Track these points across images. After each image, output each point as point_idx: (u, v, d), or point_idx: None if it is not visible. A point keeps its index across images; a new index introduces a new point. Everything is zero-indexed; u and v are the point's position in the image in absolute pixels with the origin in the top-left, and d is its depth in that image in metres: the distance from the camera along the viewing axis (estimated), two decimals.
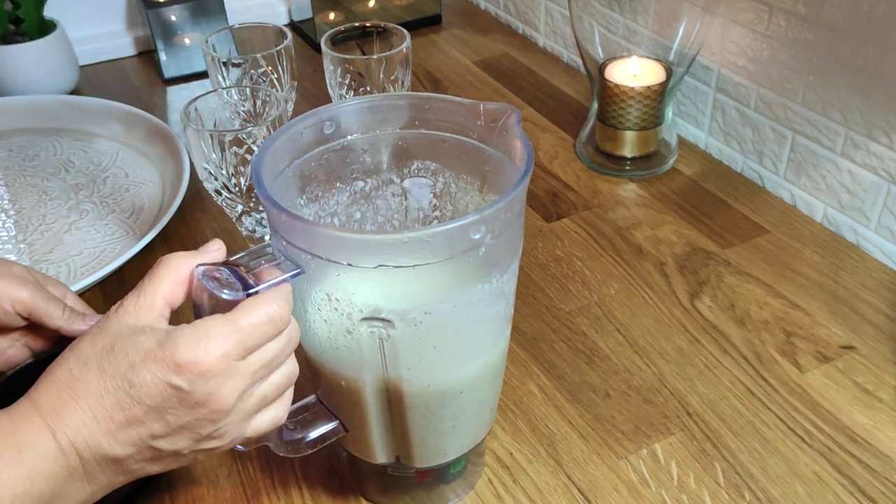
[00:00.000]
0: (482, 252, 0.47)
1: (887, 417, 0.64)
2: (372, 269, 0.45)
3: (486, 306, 0.50)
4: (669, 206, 0.88)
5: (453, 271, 0.48)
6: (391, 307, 0.47)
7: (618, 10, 1.00)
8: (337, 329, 0.49)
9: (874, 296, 0.75)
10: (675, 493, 0.59)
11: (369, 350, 0.49)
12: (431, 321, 0.48)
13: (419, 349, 0.49)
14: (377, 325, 0.48)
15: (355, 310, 0.47)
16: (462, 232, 0.45)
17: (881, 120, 0.76)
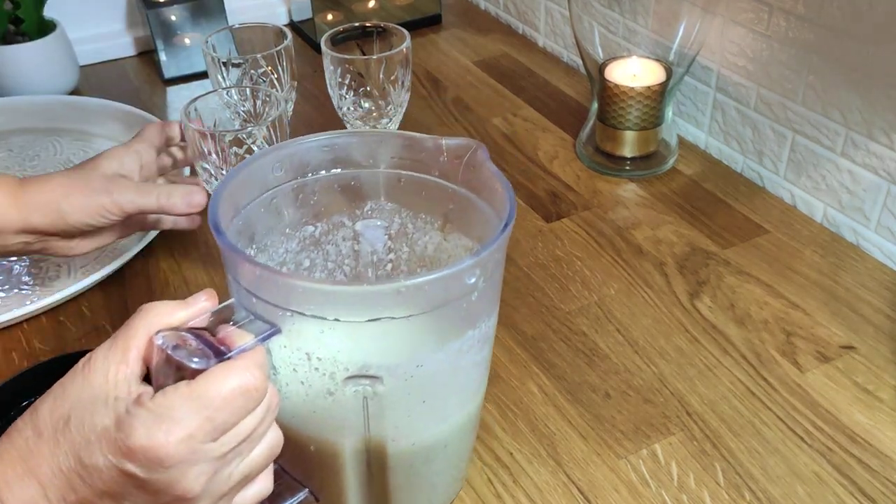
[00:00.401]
0: (475, 297, 0.45)
1: (887, 417, 0.64)
2: (362, 324, 0.42)
3: (475, 353, 0.48)
4: (669, 206, 0.88)
5: (446, 319, 0.46)
6: (381, 362, 0.44)
7: (618, 10, 1.00)
8: (316, 391, 0.45)
9: (874, 296, 0.75)
10: (675, 493, 0.59)
11: (352, 411, 0.46)
12: (422, 374, 0.45)
13: (408, 405, 0.46)
14: (363, 383, 0.45)
15: (340, 368, 0.44)
16: (458, 277, 0.43)
17: (881, 120, 0.76)
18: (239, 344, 0.40)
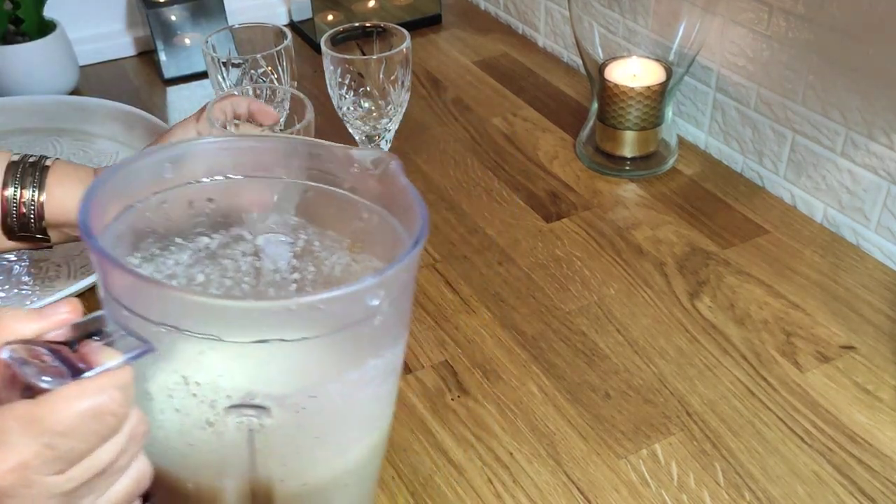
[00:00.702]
0: (377, 322, 0.40)
1: (887, 417, 0.64)
2: (248, 345, 0.37)
3: (377, 385, 0.43)
4: (669, 206, 0.88)
5: (344, 345, 0.41)
6: (268, 391, 0.39)
7: (618, 10, 1.00)
8: (193, 421, 0.40)
9: (874, 296, 0.75)
10: (675, 493, 0.59)
11: (234, 446, 0.41)
12: (316, 406, 0.41)
13: (299, 441, 0.42)
14: (248, 413, 0.40)
15: (221, 396, 0.39)
16: (359, 297, 0.38)
17: (881, 120, 0.76)
18: (102, 362, 0.35)
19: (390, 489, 0.61)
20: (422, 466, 0.62)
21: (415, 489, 0.61)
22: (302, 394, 0.40)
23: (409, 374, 0.70)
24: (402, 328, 0.44)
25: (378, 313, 0.40)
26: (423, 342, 0.72)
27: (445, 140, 1.00)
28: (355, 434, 0.45)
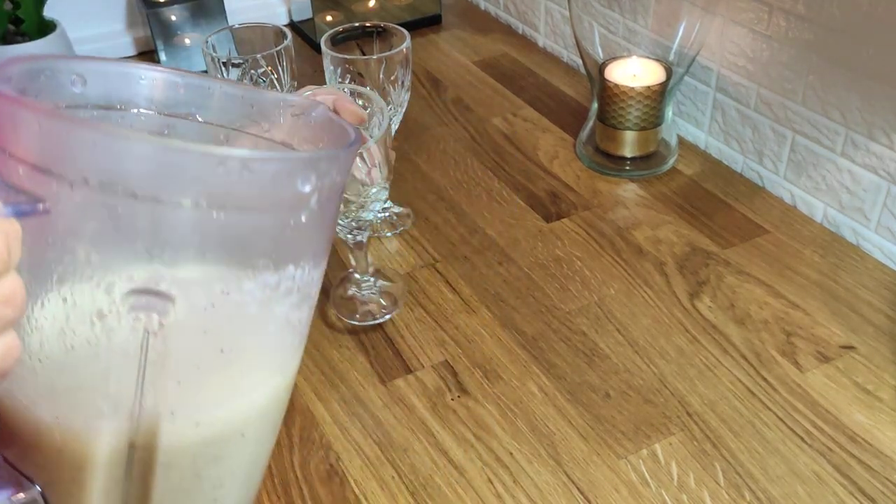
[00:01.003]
0: (304, 219, 0.37)
1: (887, 417, 0.64)
2: (165, 207, 0.33)
3: (291, 304, 0.40)
4: (669, 206, 0.88)
5: (265, 236, 0.37)
6: (178, 274, 0.34)
7: (618, 10, 1.00)
8: (81, 313, 0.35)
9: (874, 296, 0.75)
10: (675, 493, 0.59)
11: (123, 355, 0.36)
12: (226, 307, 0.36)
13: (201, 354, 0.37)
14: (150, 303, 0.35)
15: (122, 276, 0.34)
16: (291, 173, 0.35)
17: (881, 120, 0.76)
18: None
19: (390, 489, 0.61)
20: (422, 466, 0.62)
21: (415, 489, 0.61)
22: (213, 284, 0.36)
23: (409, 374, 0.70)
24: (324, 246, 0.41)
25: (306, 207, 0.36)
26: (423, 342, 0.72)
27: (445, 140, 1.00)
28: (262, 364, 0.41)
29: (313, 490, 0.61)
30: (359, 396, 0.68)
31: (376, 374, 0.70)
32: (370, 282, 0.71)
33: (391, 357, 0.71)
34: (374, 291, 0.71)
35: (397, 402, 0.67)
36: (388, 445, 0.64)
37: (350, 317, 0.68)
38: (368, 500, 0.60)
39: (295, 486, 0.61)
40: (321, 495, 0.61)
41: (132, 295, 0.34)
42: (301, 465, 0.63)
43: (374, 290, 0.71)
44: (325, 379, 0.70)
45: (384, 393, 0.68)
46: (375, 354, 0.72)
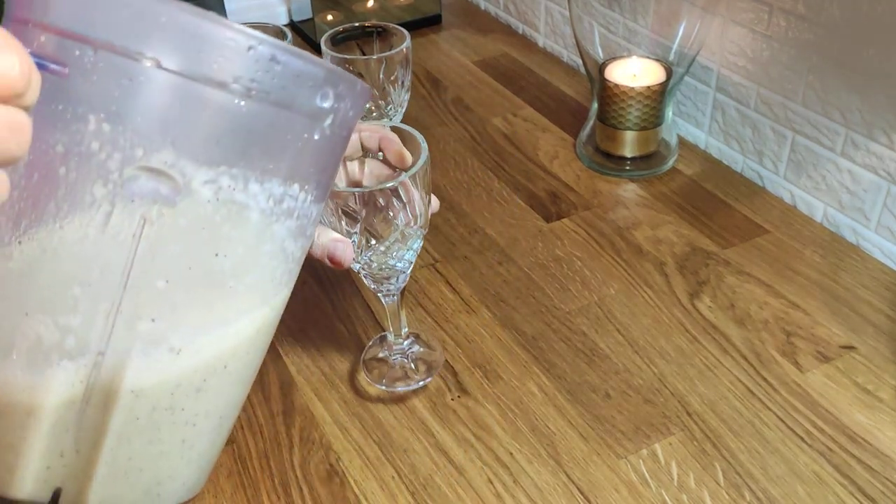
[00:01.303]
0: (317, 137, 0.37)
1: (887, 417, 0.64)
2: (187, 83, 0.33)
3: (289, 229, 0.40)
4: (669, 206, 0.88)
5: (277, 141, 0.37)
6: (189, 157, 0.34)
7: (618, 10, 1.00)
8: (81, 184, 0.34)
9: (874, 296, 0.75)
10: (675, 493, 0.59)
11: (114, 241, 0.34)
12: (230, 205, 0.36)
13: (194, 251, 0.36)
14: (154, 186, 0.34)
15: (134, 146, 0.33)
16: (313, 78, 0.36)
17: (881, 120, 0.76)
18: None
19: (390, 489, 0.61)
20: (422, 466, 0.62)
21: (415, 489, 0.61)
22: (222, 177, 0.35)
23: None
24: (327, 181, 0.41)
25: (320, 127, 0.37)
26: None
27: (445, 140, 1.00)
28: (250, 287, 0.39)
29: (313, 490, 0.61)
30: (359, 396, 0.68)
31: None
32: (403, 346, 0.68)
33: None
34: (406, 357, 0.68)
35: (397, 402, 0.67)
36: (388, 445, 0.64)
37: (377, 380, 0.66)
38: (368, 500, 0.60)
39: (295, 486, 0.61)
40: (321, 495, 0.61)
41: (139, 173, 0.33)
42: (301, 465, 0.63)
43: (407, 355, 0.68)
44: (325, 379, 0.70)
45: (384, 393, 0.68)
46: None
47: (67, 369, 0.36)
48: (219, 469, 0.62)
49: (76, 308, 0.35)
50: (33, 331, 0.35)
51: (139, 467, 0.39)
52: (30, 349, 0.36)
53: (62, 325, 0.35)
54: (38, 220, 0.34)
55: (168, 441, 0.39)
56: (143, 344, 0.36)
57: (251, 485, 0.61)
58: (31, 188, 0.34)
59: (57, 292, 0.35)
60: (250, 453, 0.64)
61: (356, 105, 0.40)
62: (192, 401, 0.39)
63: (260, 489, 0.61)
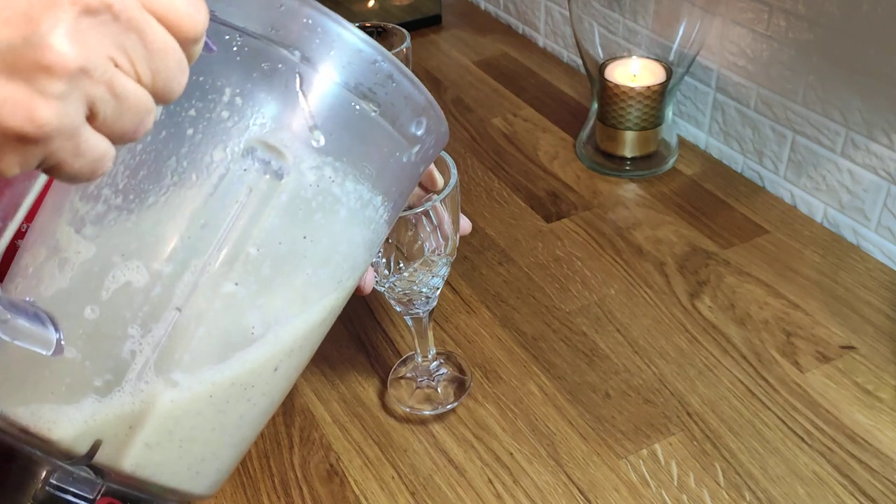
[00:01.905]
0: (404, 160, 0.42)
1: (887, 417, 0.64)
2: (326, 85, 0.37)
3: (365, 237, 0.43)
4: (669, 206, 0.88)
5: (380, 150, 0.41)
6: (305, 141, 0.38)
7: (618, 10, 1.00)
8: (202, 150, 0.37)
9: (874, 296, 0.75)
10: (675, 493, 0.59)
11: (221, 202, 0.37)
12: (325, 195, 0.39)
13: (286, 228, 0.39)
14: (268, 158, 0.38)
15: (255, 123, 0.38)
16: (416, 104, 0.41)
17: (881, 120, 0.76)
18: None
19: (390, 489, 0.61)
20: (422, 466, 0.62)
21: (415, 489, 0.61)
22: (326, 168, 0.39)
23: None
24: (399, 205, 0.45)
25: (408, 153, 0.42)
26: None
27: None
28: (324, 276, 0.42)
29: (313, 490, 0.61)
30: (359, 396, 0.68)
31: (377, 375, 0.70)
32: (430, 367, 0.67)
33: (391, 357, 0.71)
34: (434, 379, 0.67)
35: (398, 403, 0.67)
36: (388, 445, 0.64)
37: (402, 401, 0.66)
38: (368, 500, 0.60)
39: (295, 486, 0.61)
40: (321, 495, 0.61)
41: (257, 146, 0.37)
42: (301, 465, 0.63)
43: (434, 377, 0.67)
44: (325, 379, 0.70)
45: (384, 393, 0.68)
46: (376, 355, 0.72)
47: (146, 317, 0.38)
48: None
49: (172, 257, 0.38)
50: (124, 276, 0.38)
51: (194, 437, 0.40)
52: (116, 292, 0.38)
53: (154, 270, 0.38)
54: (156, 171, 0.38)
55: (230, 414, 0.41)
56: (221, 308, 0.38)
57: (251, 485, 0.61)
58: (157, 143, 0.38)
59: (158, 240, 0.38)
60: (250, 453, 0.64)
61: (437, 145, 0.45)
62: (264, 380, 0.41)
63: (260, 489, 0.61)
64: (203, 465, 0.42)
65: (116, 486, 0.39)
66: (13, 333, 0.34)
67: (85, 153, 0.30)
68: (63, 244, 0.39)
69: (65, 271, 0.38)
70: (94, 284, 0.38)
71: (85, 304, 0.38)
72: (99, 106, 0.30)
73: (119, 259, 0.38)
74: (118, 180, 0.39)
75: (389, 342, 0.73)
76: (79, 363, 0.38)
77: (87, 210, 0.39)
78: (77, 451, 0.38)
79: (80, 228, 0.39)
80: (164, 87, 0.31)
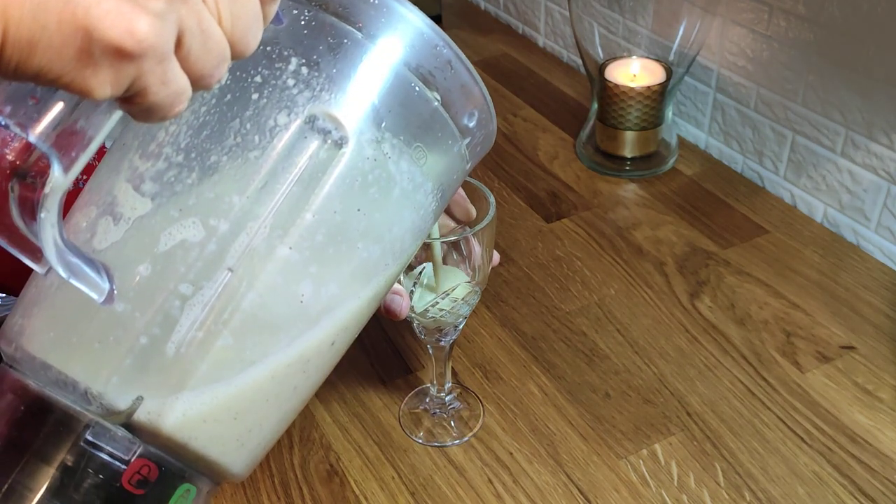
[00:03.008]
0: (455, 150, 0.43)
1: (887, 417, 0.64)
2: (378, 53, 0.39)
3: (414, 223, 0.44)
4: (669, 206, 0.88)
5: (435, 136, 0.43)
6: (359, 114, 0.40)
7: (618, 10, 1.00)
8: (266, 114, 0.39)
9: (874, 296, 0.75)
10: (675, 493, 0.59)
11: (279, 167, 0.38)
12: (381, 172, 0.41)
13: (342, 198, 0.40)
14: (329, 127, 0.39)
15: (320, 92, 0.39)
16: (470, 94, 0.42)
17: (881, 120, 0.76)
18: None
19: (390, 489, 0.61)
20: (422, 466, 0.62)
21: (415, 489, 0.61)
22: (385, 144, 0.40)
23: (409, 374, 0.70)
24: (445, 200, 0.46)
25: (460, 143, 0.43)
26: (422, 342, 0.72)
27: None
28: (371, 259, 0.42)
29: (313, 490, 0.61)
30: (359, 396, 0.68)
31: (376, 374, 0.70)
32: (443, 400, 0.66)
33: (391, 357, 0.71)
34: (445, 412, 0.66)
35: (397, 403, 0.67)
36: (388, 445, 0.64)
37: (411, 432, 0.66)
38: (368, 500, 0.60)
39: (295, 486, 0.61)
40: (321, 495, 0.61)
41: (320, 114, 0.38)
42: (301, 465, 0.63)
43: (446, 410, 0.66)
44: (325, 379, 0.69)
45: (384, 393, 0.68)
46: (375, 354, 0.72)
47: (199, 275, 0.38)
48: None
49: (228, 216, 0.38)
50: (179, 232, 0.38)
51: (247, 409, 0.40)
52: (171, 247, 0.38)
53: (210, 227, 0.38)
54: (219, 132, 0.39)
55: (285, 384, 0.42)
56: (274, 271, 0.39)
57: (251, 485, 0.61)
58: (222, 105, 0.39)
59: (216, 197, 0.38)
60: None
61: (485, 142, 0.46)
62: (321, 354, 0.42)
63: (260, 489, 0.61)
64: (248, 436, 0.42)
65: (154, 449, 0.39)
66: (70, 271, 0.34)
67: (170, 82, 0.30)
68: (120, 200, 0.39)
69: (120, 225, 0.39)
70: (149, 239, 0.38)
71: (138, 257, 0.38)
72: (187, 37, 0.30)
73: (176, 214, 0.38)
74: (180, 139, 0.39)
75: (389, 342, 0.73)
76: (127, 315, 0.38)
77: (146, 167, 0.39)
78: (117, 406, 0.38)
79: (138, 185, 0.39)
80: (241, 36, 0.32)
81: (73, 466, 0.38)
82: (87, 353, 0.38)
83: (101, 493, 0.38)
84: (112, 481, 0.38)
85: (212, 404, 0.39)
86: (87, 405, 0.38)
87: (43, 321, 0.39)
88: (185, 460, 0.40)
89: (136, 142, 0.41)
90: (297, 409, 0.45)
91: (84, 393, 0.38)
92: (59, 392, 0.38)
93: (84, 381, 0.38)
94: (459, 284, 0.57)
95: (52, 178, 0.31)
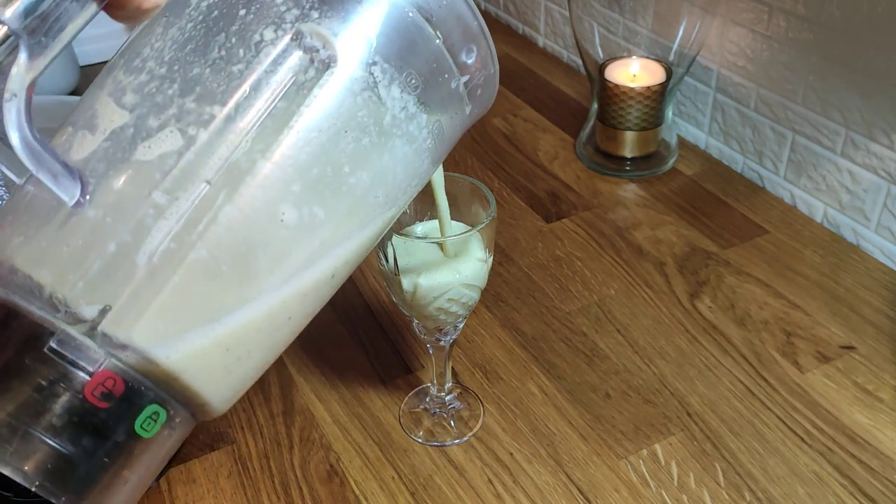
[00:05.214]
0: (452, 86, 0.43)
1: (887, 417, 0.64)
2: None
3: (410, 151, 0.43)
4: (669, 206, 0.88)
5: (430, 64, 0.42)
6: (350, 34, 0.39)
7: (618, 11, 1.00)
8: (252, 28, 0.39)
9: (874, 296, 0.75)
10: (675, 493, 0.59)
11: (262, 82, 0.38)
12: (373, 94, 0.41)
13: (330, 118, 0.39)
14: (317, 45, 0.39)
15: (310, 10, 0.39)
16: (465, 28, 0.42)
17: (881, 120, 0.76)
18: None
19: (390, 489, 0.61)
20: (422, 466, 0.62)
21: (415, 489, 0.61)
22: (375, 66, 0.40)
23: (409, 374, 0.70)
24: (444, 152, 0.45)
25: (458, 80, 0.42)
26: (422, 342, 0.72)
27: None
28: (362, 194, 0.41)
29: (313, 490, 0.61)
30: (359, 396, 0.68)
31: (376, 374, 0.70)
32: (443, 400, 0.66)
33: (391, 357, 0.71)
34: (445, 412, 0.66)
35: (397, 402, 0.67)
36: (388, 445, 0.64)
37: (411, 431, 0.66)
38: (368, 501, 0.60)
39: (295, 486, 0.61)
40: (321, 495, 0.61)
41: (308, 32, 0.38)
42: (301, 465, 0.63)
43: (446, 410, 0.66)
44: (325, 379, 0.70)
45: (384, 393, 0.68)
46: (375, 354, 0.72)
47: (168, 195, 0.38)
48: (219, 469, 0.62)
49: (208, 125, 0.38)
50: (157, 140, 0.38)
51: (231, 335, 0.39)
52: (147, 154, 0.38)
53: (189, 136, 0.37)
54: (204, 45, 0.39)
55: (277, 320, 0.41)
56: (255, 186, 0.38)
57: (251, 485, 0.61)
58: (208, 21, 0.39)
59: (197, 106, 0.38)
60: (250, 454, 0.64)
61: (486, 87, 0.44)
62: (321, 286, 0.42)
63: (260, 489, 0.61)
64: (239, 364, 0.40)
65: (123, 365, 0.37)
66: (37, 164, 0.33)
67: None
68: (100, 112, 0.39)
69: (97, 136, 0.38)
70: (126, 147, 0.38)
71: (114, 165, 0.37)
72: None
73: (155, 123, 0.38)
74: (164, 54, 0.39)
75: (389, 342, 0.73)
76: (98, 220, 0.37)
77: (129, 80, 0.39)
78: (82, 314, 0.36)
79: (119, 98, 0.39)
80: None
81: (35, 373, 0.36)
82: (54, 257, 0.37)
83: (64, 402, 0.36)
84: (74, 391, 0.36)
85: (189, 322, 0.37)
86: (55, 313, 0.36)
87: (13, 227, 0.38)
88: (158, 380, 0.38)
89: (122, 60, 0.41)
90: (267, 360, 0.43)
91: (50, 298, 0.36)
92: (26, 299, 0.37)
93: (50, 286, 0.36)
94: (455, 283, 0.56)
95: (20, 61, 0.31)
